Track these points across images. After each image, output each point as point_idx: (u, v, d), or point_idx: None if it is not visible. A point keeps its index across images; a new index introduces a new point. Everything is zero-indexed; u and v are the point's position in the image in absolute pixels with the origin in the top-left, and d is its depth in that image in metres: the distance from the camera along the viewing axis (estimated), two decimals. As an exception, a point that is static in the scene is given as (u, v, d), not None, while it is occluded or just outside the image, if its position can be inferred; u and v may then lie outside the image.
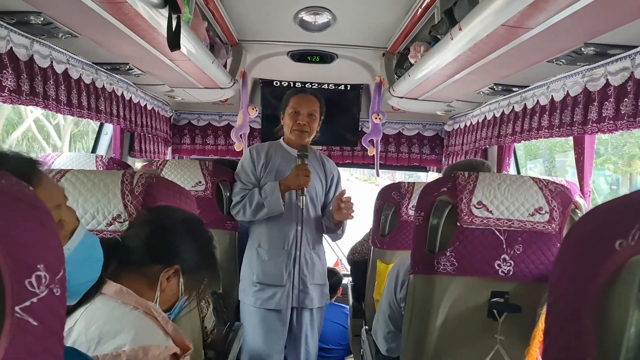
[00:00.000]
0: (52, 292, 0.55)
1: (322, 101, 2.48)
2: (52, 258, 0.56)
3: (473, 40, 1.77)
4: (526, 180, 1.56)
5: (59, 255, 0.58)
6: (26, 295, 0.52)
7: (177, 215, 1.31)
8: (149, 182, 1.37)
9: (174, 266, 1.22)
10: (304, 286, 2.41)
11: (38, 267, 0.54)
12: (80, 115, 2.39)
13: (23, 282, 0.52)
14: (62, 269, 0.58)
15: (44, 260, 0.55)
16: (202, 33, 2.43)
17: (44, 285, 0.54)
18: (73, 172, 1.36)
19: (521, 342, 1.47)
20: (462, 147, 3.58)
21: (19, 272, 0.52)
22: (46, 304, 0.54)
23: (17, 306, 0.51)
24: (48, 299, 0.54)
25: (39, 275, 0.54)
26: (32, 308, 0.52)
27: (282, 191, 2.32)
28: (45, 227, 0.56)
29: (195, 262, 1.27)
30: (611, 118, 1.88)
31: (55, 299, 0.56)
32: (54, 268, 0.56)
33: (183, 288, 1.26)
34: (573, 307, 0.53)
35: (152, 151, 3.63)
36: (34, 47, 1.98)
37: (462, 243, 1.53)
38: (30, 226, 0.54)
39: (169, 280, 1.22)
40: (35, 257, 0.54)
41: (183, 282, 1.25)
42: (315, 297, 2.46)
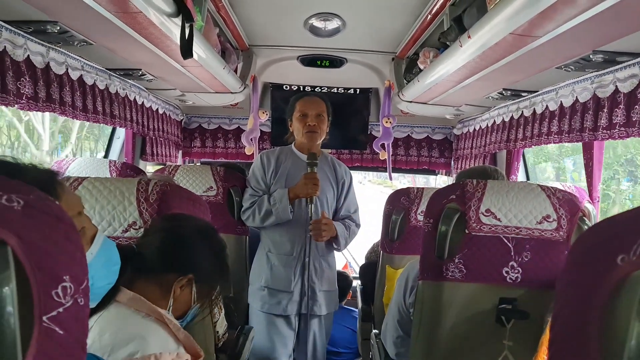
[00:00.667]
0: (77, 301, 0.58)
1: (328, 102, 2.49)
2: (77, 269, 0.59)
3: (482, 47, 1.79)
4: (534, 188, 1.57)
5: (83, 266, 0.60)
6: (53, 305, 0.55)
7: (192, 223, 1.33)
8: (163, 189, 1.40)
9: (188, 275, 1.24)
10: (313, 293, 2.41)
11: (64, 277, 0.56)
12: (96, 120, 2.43)
13: (50, 293, 0.55)
14: (86, 279, 0.60)
15: (69, 271, 0.57)
16: (214, 39, 2.46)
17: (70, 295, 0.57)
18: (90, 180, 1.39)
19: (529, 348, 1.48)
20: (472, 150, 3.58)
21: (47, 283, 0.54)
22: (71, 313, 0.57)
23: (44, 316, 0.54)
24: (73, 308, 0.57)
25: (65, 285, 0.56)
26: (58, 317, 0.55)
27: (290, 199, 2.33)
28: (70, 239, 0.59)
29: (208, 271, 1.29)
30: (622, 125, 1.89)
31: (79, 308, 0.58)
32: (79, 278, 0.58)
33: (196, 296, 1.28)
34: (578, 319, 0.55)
35: (163, 154, 3.66)
36: (50, 55, 2.02)
37: (471, 250, 1.55)
38: (56, 238, 0.57)
39: (182, 289, 1.24)
40: (61, 268, 0.56)
41: (196, 291, 1.27)
42: (323, 304, 2.45)
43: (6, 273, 0.50)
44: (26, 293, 0.52)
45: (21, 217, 0.53)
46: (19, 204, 0.54)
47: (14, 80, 1.78)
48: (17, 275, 0.51)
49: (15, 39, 1.79)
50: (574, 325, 0.55)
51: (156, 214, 1.37)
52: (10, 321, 0.50)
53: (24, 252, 0.52)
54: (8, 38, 1.76)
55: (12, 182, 0.57)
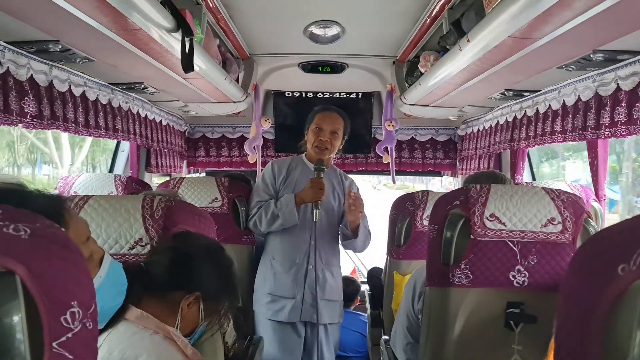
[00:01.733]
0: (86, 326, 0.59)
1: (347, 120, 2.49)
2: (84, 294, 0.60)
3: (481, 51, 1.79)
4: (538, 191, 1.57)
5: (90, 290, 0.61)
6: (62, 331, 0.56)
7: (199, 242, 1.33)
8: (168, 205, 1.41)
9: (195, 293, 1.24)
10: (313, 300, 2.38)
11: (72, 303, 0.57)
12: (98, 135, 2.45)
13: (59, 319, 0.56)
14: (94, 304, 0.61)
15: (77, 297, 0.58)
16: (214, 50, 2.48)
17: (78, 320, 0.58)
18: (95, 199, 1.40)
19: (538, 352, 1.48)
20: (476, 151, 3.58)
21: (55, 309, 0.55)
22: (80, 337, 0.58)
23: (54, 342, 0.55)
24: (82, 333, 0.58)
25: (73, 311, 0.57)
26: (67, 343, 0.56)
27: (297, 204, 2.34)
28: (77, 266, 0.60)
29: (215, 289, 1.29)
30: (624, 123, 1.89)
31: (88, 332, 0.59)
32: (86, 303, 0.59)
33: (203, 314, 1.28)
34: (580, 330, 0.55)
35: (168, 165, 3.68)
36: (53, 73, 2.05)
37: (477, 255, 1.55)
38: (63, 266, 0.58)
39: (190, 307, 1.25)
40: (69, 295, 0.57)
41: (203, 308, 1.28)
42: (324, 313, 2.43)
43: (15, 302, 0.51)
44: (35, 320, 0.53)
45: (28, 247, 0.54)
46: (26, 232, 0.55)
47: (17, 99, 1.80)
48: (26, 303, 0.52)
49: (18, 59, 1.82)
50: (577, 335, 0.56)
51: (162, 229, 1.37)
52: (20, 348, 0.51)
53: (32, 281, 0.53)
54: (11, 58, 1.78)
55: (18, 211, 0.58)
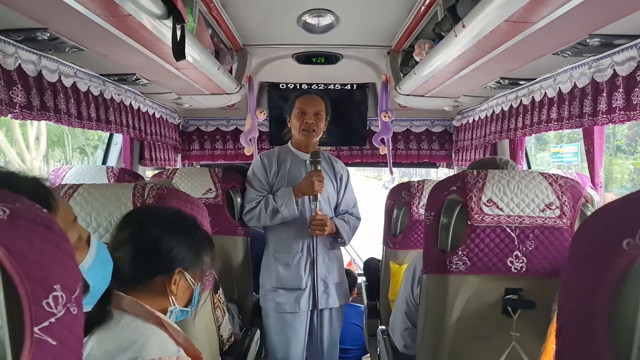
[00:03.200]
0: (70, 311, 0.56)
1: (327, 101, 2.50)
2: (69, 278, 0.57)
3: (477, 36, 1.77)
4: (535, 176, 1.55)
5: (75, 274, 0.59)
6: (44, 316, 0.53)
7: (155, 220, 1.27)
8: (160, 193, 1.38)
9: (174, 271, 1.22)
10: (326, 287, 2.44)
11: (55, 287, 0.55)
12: (91, 127, 2.42)
13: (41, 303, 0.53)
14: (78, 288, 0.59)
15: (60, 280, 0.56)
16: (207, 40, 2.44)
17: (62, 305, 0.55)
18: (85, 187, 1.37)
19: (537, 338, 1.47)
20: (472, 141, 3.56)
21: (37, 293, 0.53)
22: (64, 323, 0.55)
23: (36, 327, 0.52)
24: (66, 318, 0.55)
25: (56, 295, 0.55)
26: (50, 328, 0.53)
27: (296, 196, 2.35)
28: (61, 248, 0.57)
29: (192, 256, 1.26)
30: (622, 108, 1.87)
31: (72, 317, 0.57)
32: (71, 287, 0.57)
33: (192, 281, 1.26)
34: (584, 307, 0.53)
35: (162, 159, 3.65)
36: (42, 62, 2.01)
37: (474, 241, 1.53)
38: (46, 248, 0.55)
39: (177, 283, 1.23)
40: (51, 278, 0.55)
41: (190, 277, 1.26)
42: (336, 296, 2.49)
43: (-7, 285, 0.49)
44: (16, 304, 0.51)
45: (7, 227, 0.52)
46: (5, 213, 0.53)
47: (5, 89, 1.77)
48: (5, 286, 0.50)
49: (6, 48, 1.78)
50: (581, 315, 0.54)
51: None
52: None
53: (11, 263, 0.50)
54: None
55: None
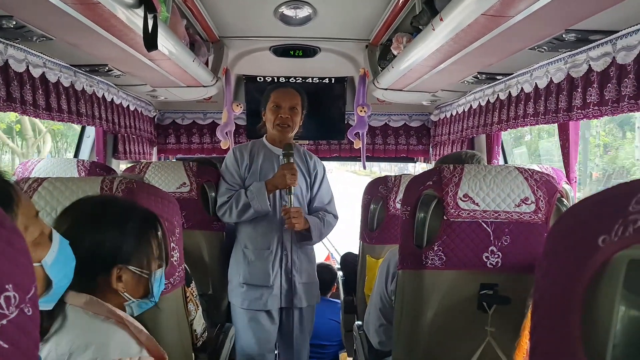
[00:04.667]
0: (24, 312, 0.53)
1: (303, 95, 2.45)
2: (22, 277, 0.54)
3: (454, 30, 1.76)
4: (512, 171, 1.55)
5: (29, 273, 0.56)
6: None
7: (81, 216, 1.16)
8: (129, 187, 1.34)
9: (112, 269, 1.13)
10: (292, 286, 2.39)
11: (6, 287, 0.52)
12: (61, 119, 2.35)
13: (-9, 304, 0.50)
14: (33, 287, 0.56)
15: (12, 279, 0.52)
16: (181, 31, 2.39)
17: (14, 305, 0.52)
18: (50, 181, 1.33)
19: (512, 333, 1.47)
20: (449, 136, 3.58)
21: (-15, 293, 0.50)
22: (17, 324, 0.52)
23: (-15, 329, 0.49)
24: (19, 319, 0.52)
25: (8, 295, 0.52)
26: (2, 330, 0.51)
27: (268, 191, 2.30)
28: (13, 246, 0.54)
29: (131, 245, 1.17)
30: (596, 104, 1.89)
31: (27, 318, 0.54)
32: (25, 287, 0.54)
33: (140, 270, 1.18)
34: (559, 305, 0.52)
35: (137, 152, 3.58)
36: (8, 52, 1.94)
37: (450, 237, 1.52)
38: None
39: (122, 280, 1.15)
40: (3, 277, 0.52)
41: (135, 267, 1.17)
42: (303, 297, 2.44)
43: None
44: (-37, 306, 0.48)
45: None
46: (-52, 209, 0.49)
47: (-31, 79, 1.71)
48: (-51, 287, 0.47)
49: (-31, 36, 1.71)
50: (556, 313, 0.53)
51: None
52: (-56, 338, 0.46)
53: (-45, 262, 0.47)
54: (-40, 35, 1.68)
55: None
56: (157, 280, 1.23)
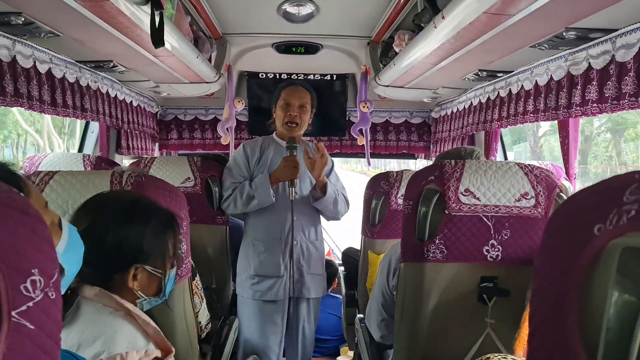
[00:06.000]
0: (48, 295, 0.56)
1: (313, 93, 2.48)
2: (46, 262, 0.56)
3: (456, 28, 1.78)
4: (512, 167, 1.58)
5: (53, 259, 0.58)
6: (22, 300, 0.53)
7: (104, 213, 1.19)
8: (138, 180, 1.37)
9: (131, 268, 1.16)
10: (301, 276, 2.42)
11: (32, 271, 0.54)
12: (66, 114, 2.38)
13: (18, 287, 0.53)
14: (56, 272, 0.58)
15: (37, 264, 0.55)
16: (186, 28, 2.41)
17: (39, 289, 0.55)
18: (61, 174, 1.35)
19: (511, 325, 1.50)
20: (450, 133, 3.60)
21: (14, 277, 0.52)
22: (42, 307, 0.55)
23: (13, 311, 0.52)
24: (44, 302, 0.55)
25: (34, 279, 0.54)
26: (28, 312, 0.53)
27: (272, 183, 2.33)
28: (37, 232, 0.57)
29: (150, 245, 1.20)
30: (595, 101, 1.91)
31: (50, 302, 0.56)
32: (48, 272, 0.56)
33: (156, 270, 1.20)
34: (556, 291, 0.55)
35: (139, 148, 3.61)
36: (16, 48, 1.96)
37: (451, 230, 1.55)
38: (22, 232, 0.55)
39: (137, 278, 1.17)
40: (29, 262, 0.54)
41: (151, 267, 1.19)
42: (312, 287, 2.47)
43: (-31, 269, 0.48)
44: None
45: None
46: (-21, 197, 0.52)
47: (-22, 75, 1.73)
48: (-19, 271, 0.49)
49: (-22, 33, 1.74)
50: (553, 299, 0.55)
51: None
52: (-23, 318, 0.48)
53: (-14, 247, 0.50)
54: (-30, 31, 1.70)
55: None
56: (170, 280, 1.26)
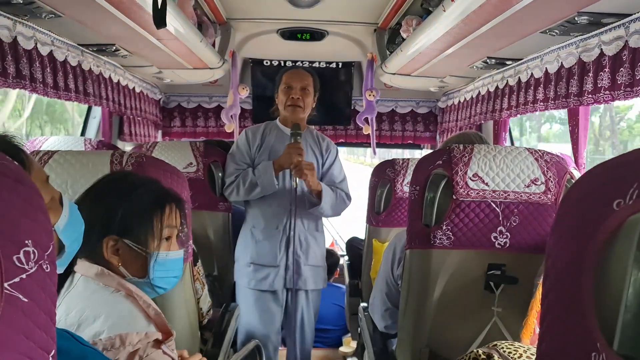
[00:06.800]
0: (42, 268, 0.54)
1: (315, 77, 2.45)
2: (41, 234, 0.55)
3: (466, 11, 1.74)
4: (522, 152, 1.55)
5: (48, 230, 0.56)
6: (15, 272, 0.51)
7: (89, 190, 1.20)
8: (139, 161, 1.35)
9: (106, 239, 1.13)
10: (297, 267, 2.40)
11: (26, 242, 0.52)
12: (68, 98, 2.35)
13: (11, 258, 0.51)
14: (51, 245, 0.56)
15: (32, 235, 0.53)
16: (189, 11, 2.38)
17: (33, 261, 0.53)
18: (61, 154, 1.33)
19: (518, 313, 1.48)
20: (457, 123, 3.57)
21: (6, 247, 0.50)
22: (36, 280, 0.53)
23: (6, 282, 0.50)
24: (38, 275, 0.53)
25: (28, 251, 0.52)
26: (21, 284, 0.51)
27: (275, 170, 2.30)
28: (32, 203, 0.55)
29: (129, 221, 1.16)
30: (607, 88, 1.87)
31: (45, 275, 0.54)
32: (43, 244, 0.54)
33: (137, 246, 1.16)
34: (572, 269, 0.53)
35: (142, 134, 3.59)
36: (17, 29, 1.93)
37: (458, 216, 1.52)
38: (16, 201, 0.53)
39: (119, 253, 1.14)
40: (22, 233, 0.52)
41: (132, 243, 1.16)
42: (309, 279, 2.44)
43: (-41, 237, 0.47)
44: (-16, 259, 0.48)
45: None
46: (-29, 163, 0.50)
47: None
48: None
49: (-22, 11, 1.71)
50: (568, 277, 0.53)
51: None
52: (-33, 288, 0.46)
53: (-23, 216, 0.48)
54: (-31, 10, 1.67)
55: None
56: (159, 263, 1.19)
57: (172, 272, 1.23)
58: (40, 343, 0.53)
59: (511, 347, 1.10)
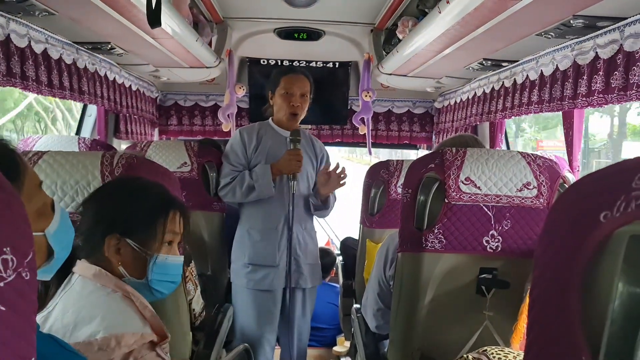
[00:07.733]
0: (21, 275, 0.53)
1: (311, 80, 2.44)
2: (20, 241, 0.54)
3: (461, 13, 1.74)
4: (514, 155, 1.54)
5: (28, 237, 0.55)
6: (-8, 280, 0.50)
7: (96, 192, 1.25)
8: (130, 162, 1.34)
9: (109, 237, 1.14)
10: (297, 266, 2.40)
11: (4, 250, 0.51)
12: (62, 96, 2.34)
13: (-12, 266, 0.50)
14: (32, 252, 0.55)
15: (10, 243, 0.52)
16: (185, 10, 2.37)
17: (12, 269, 0.52)
18: (51, 154, 1.32)
19: (509, 317, 1.47)
20: (453, 124, 3.57)
21: (-17, 255, 0.50)
22: (14, 288, 0.52)
23: (-18, 291, 0.49)
24: (16, 283, 0.52)
25: (6, 258, 0.51)
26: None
27: (273, 174, 2.30)
28: (11, 209, 0.54)
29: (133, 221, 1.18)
30: (601, 92, 1.87)
31: (24, 282, 0.53)
32: (22, 251, 0.54)
33: (139, 247, 1.16)
34: (558, 280, 0.52)
35: (138, 133, 3.58)
36: (10, 26, 1.92)
37: (450, 220, 1.52)
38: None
39: (120, 253, 1.15)
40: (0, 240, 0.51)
41: (134, 244, 1.16)
42: (308, 277, 2.45)
43: None
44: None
45: None
46: (-54, 169, 0.49)
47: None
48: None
49: (-30, 9, 1.70)
50: (555, 288, 0.53)
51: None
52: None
53: (-48, 222, 0.47)
54: (-38, 7, 1.66)
55: None
56: (157, 265, 1.20)
57: (170, 276, 1.23)
58: (19, 351, 0.52)
59: (501, 353, 1.10)
